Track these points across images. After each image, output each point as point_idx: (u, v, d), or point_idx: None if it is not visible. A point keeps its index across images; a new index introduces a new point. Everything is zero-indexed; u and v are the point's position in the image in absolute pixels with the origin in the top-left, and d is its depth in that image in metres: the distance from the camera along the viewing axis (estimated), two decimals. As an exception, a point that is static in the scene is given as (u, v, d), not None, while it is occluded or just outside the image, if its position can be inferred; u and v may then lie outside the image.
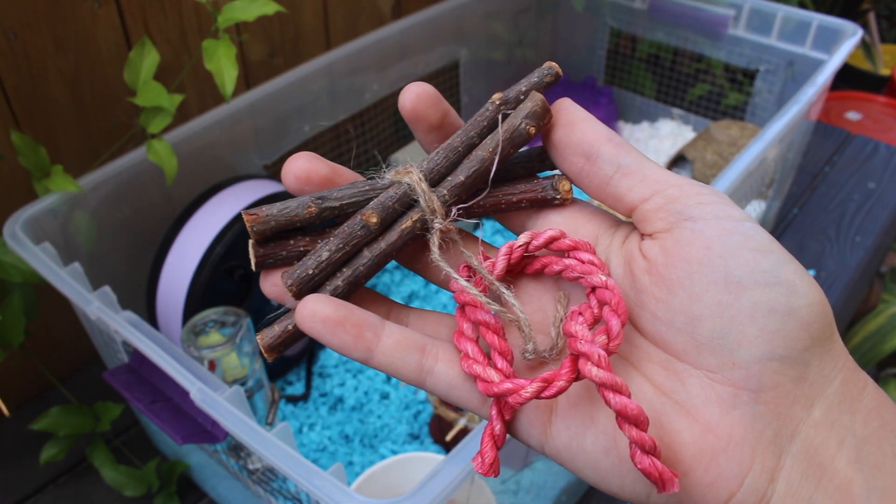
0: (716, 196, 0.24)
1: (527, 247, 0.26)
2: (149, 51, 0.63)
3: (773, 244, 0.23)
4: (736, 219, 0.24)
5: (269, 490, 0.57)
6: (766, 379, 0.22)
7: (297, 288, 0.26)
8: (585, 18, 1.13)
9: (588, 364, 0.22)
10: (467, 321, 0.25)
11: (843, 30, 0.85)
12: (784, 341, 0.22)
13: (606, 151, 0.25)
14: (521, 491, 0.62)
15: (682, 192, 0.24)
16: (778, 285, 0.22)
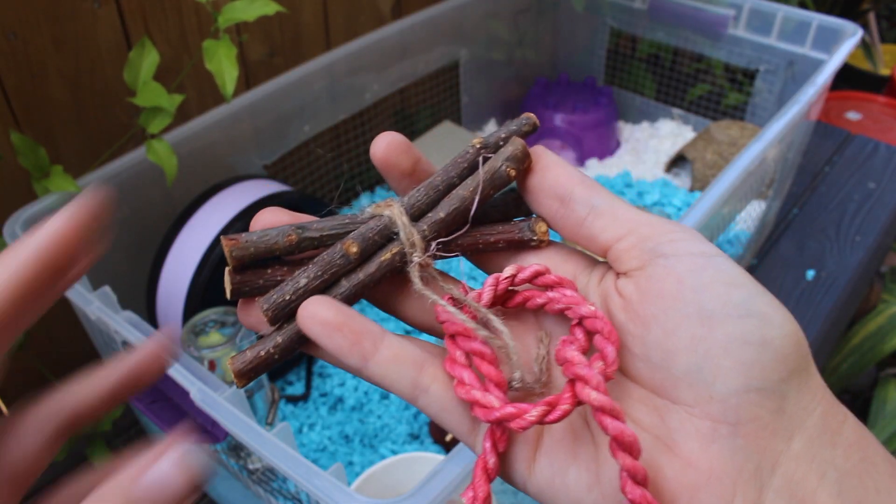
0: (687, 233, 0.25)
1: (512, 279, 0.26)
2: (149, 51, 0.63)
3: (745, 277, 0.24)
4: (707, 255, 0.24)
5: (269, 490, 0.57)
6: (743, 411, 0.22)
7: (273, 314, 0.26)
8: (585, 18, 1.13)
9: (585, 388, 0.22)
10: (459, 350, 0.25)
11: (843, 30, 0.85)
12: (760, 372, 0.22)
13: (579, 193, 0.26)
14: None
15: (653, 231, 0.25)
16: (751, 317, 0.23)
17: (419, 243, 0.26)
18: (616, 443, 0.22)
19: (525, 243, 0.28)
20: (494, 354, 0.25)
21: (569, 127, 1.09)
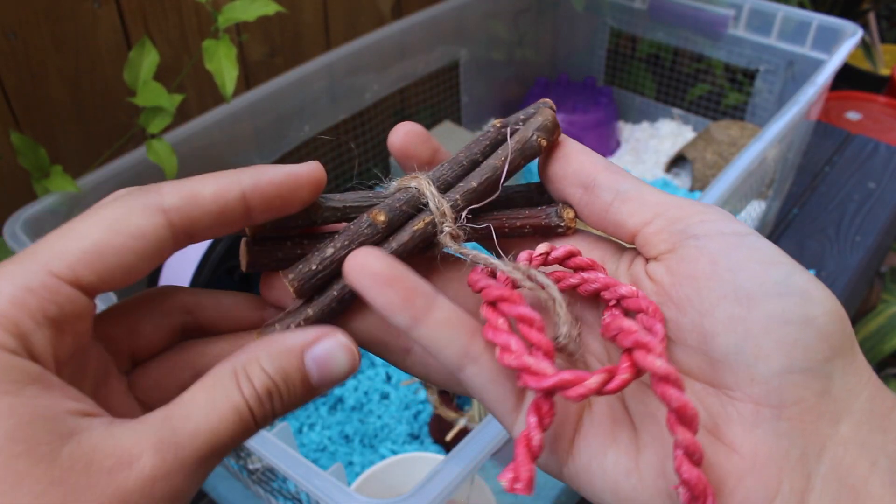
0: (717, 213, 0.24)
1: (545, 257, 0.25)
2: (149, 51, 0.63)
3: (781, 255, 0.23)
4: (740, 234, 0.23)
5: (269, 490, 0.57)
6: (787, 394, 0.21)
7: (300, 284, 0.24)
8: (585, 18, 1.13)
9: (648, 356, 0.21)
10: (500, 316, 0.23)
11: (843, 30, 0.85)
12: (803, 352, 0.21)
13: (604, 179, 0.25)
14: (521, 491, 0.62)
15: (682, 213, 0.24)
16: (791, 295, 0.22)
17: (449, 212, 0.25)
18: (677, 416, 0.20)
19: (552, 230, 0.27)
20: (542, 321, 0.23)
21: (569, 127, 1.09)
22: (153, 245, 0.21)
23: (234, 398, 0.21)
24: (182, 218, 0.22)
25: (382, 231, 0.25)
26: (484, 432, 0.45)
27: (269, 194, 0.23)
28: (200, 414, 0.20)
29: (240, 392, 0.21)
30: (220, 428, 0.20)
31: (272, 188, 0.23)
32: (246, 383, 0.21)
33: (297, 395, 0.22)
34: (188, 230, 0.22)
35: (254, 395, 0.21)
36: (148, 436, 0.19)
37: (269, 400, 0.21)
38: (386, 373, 0.80)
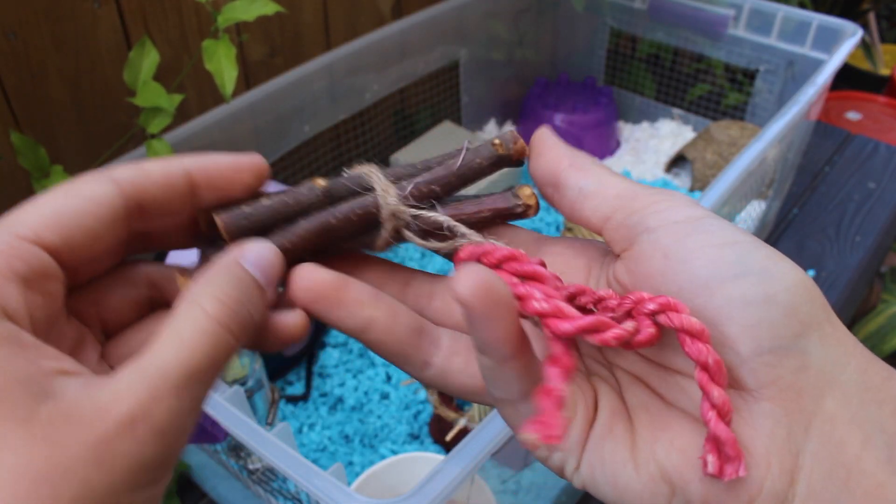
0: (671, 200, 0.23)
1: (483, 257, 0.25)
2: (149, 51, 0.63)
3: (737, 234, 0.22)
4: (693, 219, 0.23)
5: (269, 490, 0.57)
6: (761, 375, 0.21)
7: (229, 221, 0.24)
8: (585, 18, 1.13)
9: (682, 315, 0.21)
10: (508, 274, 0.23)
11: (843, 30, 0.85)
12: (769, 331, 0.21)
13: (566, 177, 0.25)
14: (521, 491, 0.62)
15: (639, 204, 0.24)
16: (748, 275, 0.21)
17: (393, 191, 0.25)
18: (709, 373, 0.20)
19: (512, 211, 0.26)
20: (554, 274, 0.23)
21: (569, 127, 1.09)
22: (107, 209, 0.22)
23: (199, 320, 0.21)
24: (132, 186, 0.22)
25: (321, 196, 0.25)
26: (484, 432, 0.45)
27: (211, 172, 0.24)
28: (167, 347, 0.20)
29: (202, 311, 0.21)
30: (192, 351, 0.20)
31: (214, 168, 0.24)
32: (206, 302, 0.21)
33: (257, 301, 0.22)
34: (138, 199, 0.23)
35: (216, 308, 0.21)
36: (123, 383, 0.19)
37: (237, 306, 0.21)
38: (386, 373, 0.80)
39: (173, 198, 0.23)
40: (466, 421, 0.69)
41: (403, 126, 1.06)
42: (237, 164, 0.25)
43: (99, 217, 0.22)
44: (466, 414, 0.69)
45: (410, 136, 1.06)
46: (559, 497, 0.67)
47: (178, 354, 0.20)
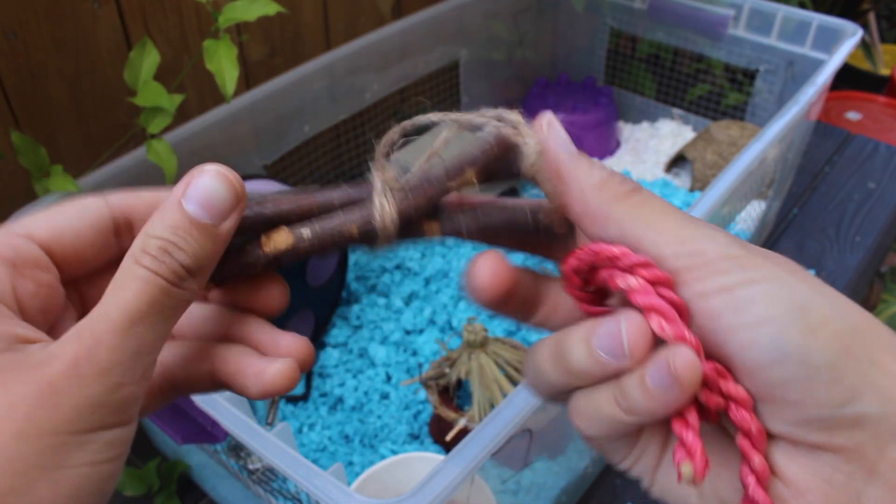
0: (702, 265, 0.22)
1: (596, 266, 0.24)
2: (149, 51, 0.63)
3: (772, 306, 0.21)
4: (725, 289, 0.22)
5: (269, 490, 0.57)
6: (814, 438, 0.21)
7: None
8: (585, 18, 1.13)
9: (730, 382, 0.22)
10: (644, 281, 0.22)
11: (843, 30, 0.85)
12: (814, 406, 0.21)
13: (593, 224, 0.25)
14: (521, 491, 0.62)
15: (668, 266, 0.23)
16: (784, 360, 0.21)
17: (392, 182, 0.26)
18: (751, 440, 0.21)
19: (541, 232, 0.25)
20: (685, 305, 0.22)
21: (569, 127, 1.09)
22: (94, 216, 0.24)
23: (132, 269, 0.22)
24: (120, 202, 0.25)
25: None
26: (484, 432, 0.45)
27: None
28: (107, 296, 0.21)
29: (135, 262, 0.22)
30: (127, 296, 0.21)
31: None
32: (136, 248, 0.22)
33: (199, 239, 0.22)
34: (127, 214, 0.24)
35: (148, 258, 0.22)
36: (71, 332, 0.21)
37: (167, 254, 0.22)
38: (386, 373, 0.80)
39: None
40: (466, 421, 0.69)
41: (403, 126, 1.06)
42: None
43: (87, 221, 0.24)
44: (466, 414, 0.69)
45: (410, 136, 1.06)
46: (559, 497, 0.67)
47: (115, 301, 0.21)
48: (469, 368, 0.70)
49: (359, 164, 1.01)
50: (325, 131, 0.93)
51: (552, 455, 0.63)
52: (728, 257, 0.22)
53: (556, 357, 0.24)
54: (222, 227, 0.23)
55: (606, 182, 0.24)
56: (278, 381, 0.24)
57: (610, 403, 0.23)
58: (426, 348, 0.81)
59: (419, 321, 0.84)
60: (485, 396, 0.69)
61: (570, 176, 0.24)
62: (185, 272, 0.22)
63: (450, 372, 0.72)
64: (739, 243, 0.23)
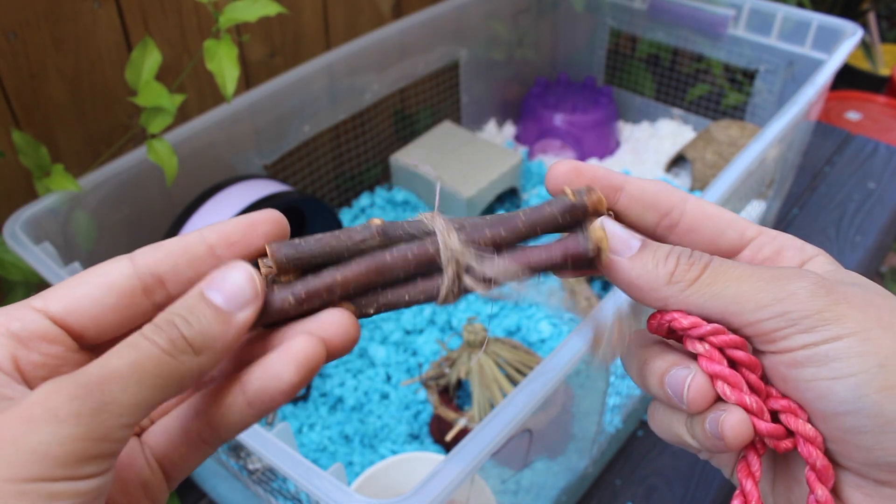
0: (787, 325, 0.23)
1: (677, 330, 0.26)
2: (151, 51, 0.63)
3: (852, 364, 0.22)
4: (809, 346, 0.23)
5: (269, 490, 0.57)
6: (883, 476, 0.22)
7: (277, 249, 0.24)
8: (585, 18, 1.13)
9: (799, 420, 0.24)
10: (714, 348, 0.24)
11: (843, 30, 0.85)
12: (883, 452, 0.22)
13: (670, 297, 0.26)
14: (521, 491, 0.62)
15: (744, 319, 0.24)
16: (859, 413, 0.22)
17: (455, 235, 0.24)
18: (817, 475, 0.23)
19: (585, 257, 0.25)
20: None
21: (569, 127, 1.09)
22: (117, 279, 0.23)
23: (131, 337, 0.22)
24: (145, 257, 0.24)
25: (376, 235, 0.25)
26: (484, 432, 0.45)
27: (227, 233, 0.25)
28: (99, 359, 0.21)
29: (139, 331, 0.22)
30: (110, 356, 0.21)
31: (231, 228, 0.25)
32: (146, 325, 0.22)
33: (209, 319, 0.22)
34: (152, 268, 0.24)
35: (150, 327, 0.22)
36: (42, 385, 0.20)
37: (170, 325, 0.22)
38: (386, 373, 0.80)
39: (192, 261, 0.24)
40: (466, 421, 0.69)
41: (403, 126, 1.06)
42: (249, 220, 0.25)
43: (107, 288, 0.23)
44: (466, 414, 0.69)
45: (410, 136, 1.06)
46: (559, 497, 0.67)
47: (99, 359, 0.21)
48: (469, 368, 0.70)
49: (359, 164, 1.01)
50: (325, 131, 0.93)
51: (552, 455, 0.63)
52: (811, 314, 0.23)
53: (640, 372, 0.26)
54: (237, 316, 0.23)
55: (674, 273, 0.25)
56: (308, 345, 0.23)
57: (680, 424, 0.25)
58: (426, 348, 0.81)
59: (419, 321, 0.84)
60: (485, 396, 0.69)
61: (640, 283, 0.25)
62: (186, 344, 0.22)
63: (450, 372, 0.72)
64: (824, 289, 0.23)
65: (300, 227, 0.81)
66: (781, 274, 0.24)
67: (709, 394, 0.24)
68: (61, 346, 0.23)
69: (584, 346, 0.50)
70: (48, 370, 0.23)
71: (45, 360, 0.22)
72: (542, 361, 0.49)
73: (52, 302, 0.23)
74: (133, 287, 0.24)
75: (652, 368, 0.26)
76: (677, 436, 0.26)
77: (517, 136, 1.16)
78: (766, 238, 0.27)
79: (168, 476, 0.25)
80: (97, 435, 0.20)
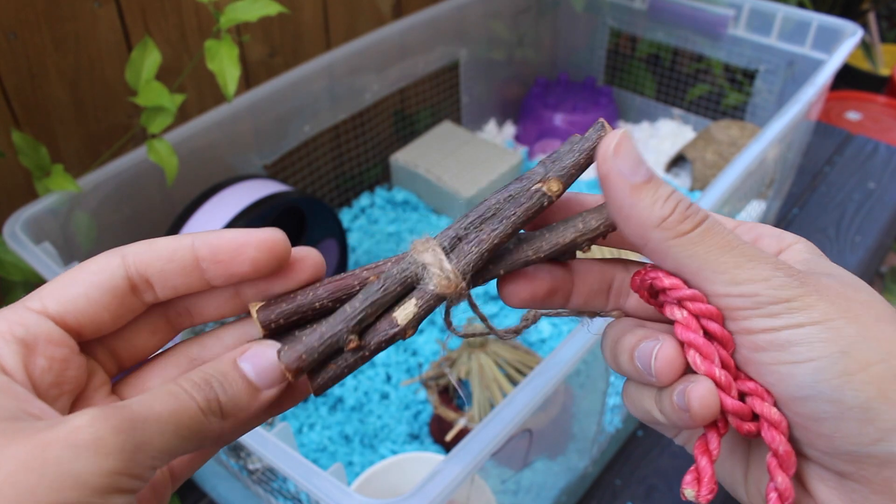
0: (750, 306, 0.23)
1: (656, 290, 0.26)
2: (150, 51, 0.63)
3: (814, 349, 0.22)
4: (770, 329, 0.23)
5: (269, 490, 0.57)
6: (843, 467, 0.23)
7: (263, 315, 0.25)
8: (585, 18, 1.13)
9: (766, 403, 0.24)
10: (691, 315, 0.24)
11: (843, 30, 0.85)
12: (844, 440, 0.22)
13: None
14: (521, 491, 0.62)
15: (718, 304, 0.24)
16: (818, 398, 0.22)
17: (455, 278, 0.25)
18: (779, 461, 0.23)
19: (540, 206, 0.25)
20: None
21: (569, 127, 1.09)
22: (108, 279, 0.24)
23: (171, 386, 0.22)
24: (136, 257, 0.24)
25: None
26: (484, 432, 0.45)
27: (214, 246, 0.25)
28: (140, 398, 0.22)
29: (177, 382, 0.23)
30: (153, 400, 0.21)
31: (217, 242, 0.25)
32: (185, 379, 0.23)
33: (240, 389, 0.23)
34: (142, 270, 0.24)
35: (189, 382, 0.23)
36: (83, 410, 0.21)
37: (208, 385, 0.23)
38: (386, 373, 0.80)
39: (179, 270, 0.25)
40: (466, 421, 0.69)
41: (403, 126, 1.06)
42: (241, 239, 0.25)
43: (100, 286, 0.24)
44: (466, 414, 0.69)
45: (410, 136, 1.06)
46: (559, 497, 0.67)
47: (141, 399, 0.21)
48: (469, 368, 0.70)
49: (359, 164, 1.01)
50: (325, 131, 0.93)
51: (552, 455, 0.63)
52: (779, 300, 0.23)
53: (612, 350, 0.27)
54: (263, 394, 0.24)
55: (667, 219, 0.24)
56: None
57: (650, 400, 0.25)
58: (426, 348, 0.81)
59: (419, 321, 0.84)
60: (485, 396, 0.69)
61: (630, 212, 0.24)
62: (218, 408, 0.23)
63: (450, 372, 0.72)
64: (798, 280, 0.23)
65: (300, 228, 0.80)
66: (763, 257, 0.24)
67: (676, 363, 0.24)
68: (66, 349, 0.23)
69: (585, 345, 0.50)
70: (54, 374, 0.23)
71: (50, 365, 0.23)
72: (542, 361, 0.49)
73: (50, 302, 0.23)
74: (123, 286, 0.24)
75: (623, 345, 0.26)
76: (647, 412, 0.26)
77: (517, 136, 1.16)
78: (744, 229, 0.27)
79: (173, 476, 0.26)
80: (133, 472, 0.20)
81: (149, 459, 0.21)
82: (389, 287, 0.25)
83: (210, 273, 0.25)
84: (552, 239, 0.26)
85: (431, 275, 0.25)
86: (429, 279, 0.25)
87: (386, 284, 0.25)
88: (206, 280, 0.25)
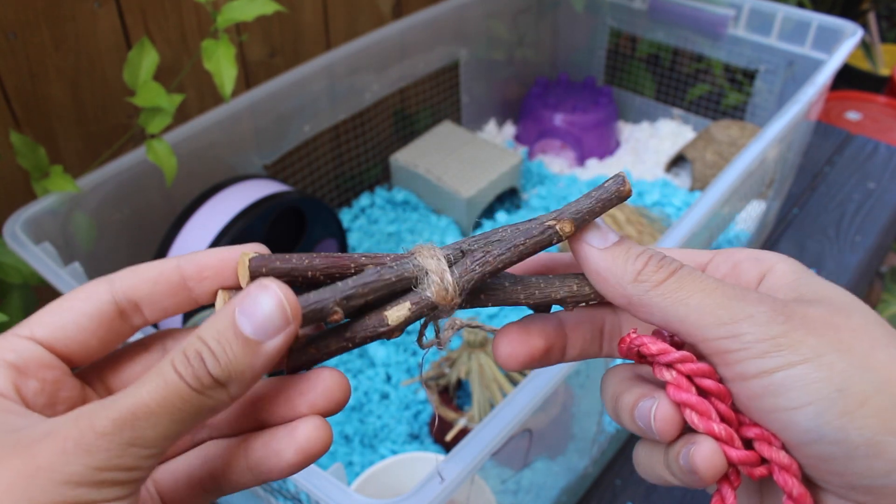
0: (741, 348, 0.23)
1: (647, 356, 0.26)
2: (148, 51, 0.63)
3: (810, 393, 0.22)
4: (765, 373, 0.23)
5: (268, 490, 0.57)
6: (858, 499, 0.23)
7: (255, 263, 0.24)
8: (585, 18, 1.13)
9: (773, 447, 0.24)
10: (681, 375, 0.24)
11: (843, 30, 0.85)
12: (855, 477, 0.22)
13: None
14: (521, 491, 0.62)
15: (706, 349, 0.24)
16: (822, 441, 0.22)
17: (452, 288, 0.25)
18: (789, 498, 0.23)
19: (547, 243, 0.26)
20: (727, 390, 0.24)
21: (569, 127, 1.09)
22: (96, 305, 0.24)
23: (162, 366, 0.21)
24: (123, 282, 0.25)
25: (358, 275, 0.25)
26: (484, 432, 0.45)
27: (200, 263, 0.25)
28: (130, 386, 0.21)
29: (169, 360, 0.21)
30: (141, 391, 0.21)
31: (203, 259, 0.25)
32: (177, 354, 0.22)
33: (237, 352, 0.22)
34: (130, 295, 0.25)
35: (180, 359, 0.21)
36: (69, 413, 0.21)
37: (199, 360, 0.21)
38: (386, 373, 0.80)
39: (167, 290, 0.25)
40: (466, 421, 0.69)
41: (403, 126, 1.06)
42: (226, 255, 0.25)
43: (87, 313, 0.24)
44: (466, 414, 0.69)
45: (410, 136, 1.06)
46: (559, 497, 0.67)
47: (130, 391, 0.21)
48: (469, 368, 0.70)
49: (359, 164, 1.01)
50: (325, 131, 0.93)
51: (552, 455, 0.63)
52: (766, 339, 0.23)
53: (614, 409, 0.27)
54: (267, 345, 0.22)
55: (641, 272, 0.25)
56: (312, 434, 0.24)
57: (661, 466, 0.26)
58: (426, 348, 0.81)
59: (419, 321, 0.84)
60: (485, 396, 0.69)
61: (607, 274, 0.25)
62: (213, 381, 0.22)
63: (450, 372, 0.72)
64: (783, 315, 0.23)
65: (300, 228, 0.80)
66: (744, 295, 0.24)
67: (675, 420, 0.24)
68: (58, 371, 0.24)
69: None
70: (47, 395, 0.23)
71: (43, 387, 0.23)
72: (542, 361, 0.49)
73: (38, 329, 0.24)
74: (110, 312, 0.24)
75: (623, 403, 0.26)
76: (660, 476, 0.26)
77: (517, 136, 1.16)
78: (721, 258, 0.27)
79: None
80: (126, 465, 0.21)
81: (144, 450, 0.21)
82: (385, 275, 0.25)
83: (197, 291, 0.25)
84: (546, 290, 0.27)
85: (431, 282, 0.25)
86: (427, 286, 0.25)
87: (382, 272, 0.25)
88: (194, 299, 0.25)
